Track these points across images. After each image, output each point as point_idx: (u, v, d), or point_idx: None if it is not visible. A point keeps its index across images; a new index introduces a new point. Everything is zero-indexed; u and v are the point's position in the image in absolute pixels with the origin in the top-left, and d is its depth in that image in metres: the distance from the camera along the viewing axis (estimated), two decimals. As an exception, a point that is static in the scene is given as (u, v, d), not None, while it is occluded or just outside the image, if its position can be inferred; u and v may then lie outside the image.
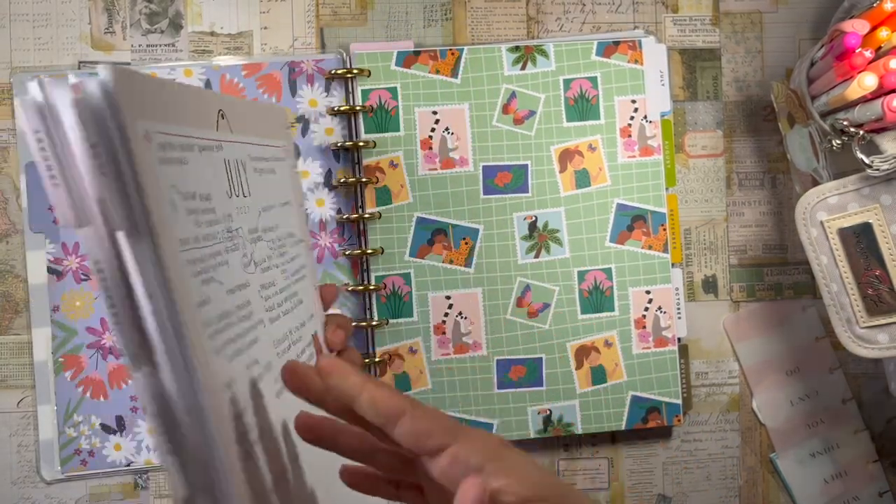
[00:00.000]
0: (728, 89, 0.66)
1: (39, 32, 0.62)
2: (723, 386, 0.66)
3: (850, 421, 0.65)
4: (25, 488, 0.62)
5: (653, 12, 0.65)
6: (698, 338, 0.65)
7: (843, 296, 0.54)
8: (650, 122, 0.63)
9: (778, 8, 0.66)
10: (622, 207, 0.63)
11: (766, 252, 0.66)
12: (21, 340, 0.62)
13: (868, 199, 0.53)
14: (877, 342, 0.54)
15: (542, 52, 0.63)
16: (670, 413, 0.63)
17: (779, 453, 0.65)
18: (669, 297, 0.63)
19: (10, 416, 0.62)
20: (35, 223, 0.61)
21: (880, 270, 0.53)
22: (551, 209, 0.63)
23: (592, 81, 0.63)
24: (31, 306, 0.61)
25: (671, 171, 0.64)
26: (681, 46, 0.65)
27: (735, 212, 0.66)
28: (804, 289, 0.66)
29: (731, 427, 0.66)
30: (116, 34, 0.63)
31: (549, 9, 0.65)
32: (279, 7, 0.64)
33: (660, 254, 0.63)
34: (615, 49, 0.63)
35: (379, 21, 0.64)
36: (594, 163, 0.63)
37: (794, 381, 0.65)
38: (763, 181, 0.66)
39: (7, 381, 0.62)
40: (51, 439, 0.61)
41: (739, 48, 0.66)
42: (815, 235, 0.54)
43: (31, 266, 0.61)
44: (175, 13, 0.63)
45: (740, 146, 0.66)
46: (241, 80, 0.62)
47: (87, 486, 0.62)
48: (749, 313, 0.66)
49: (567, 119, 0.63)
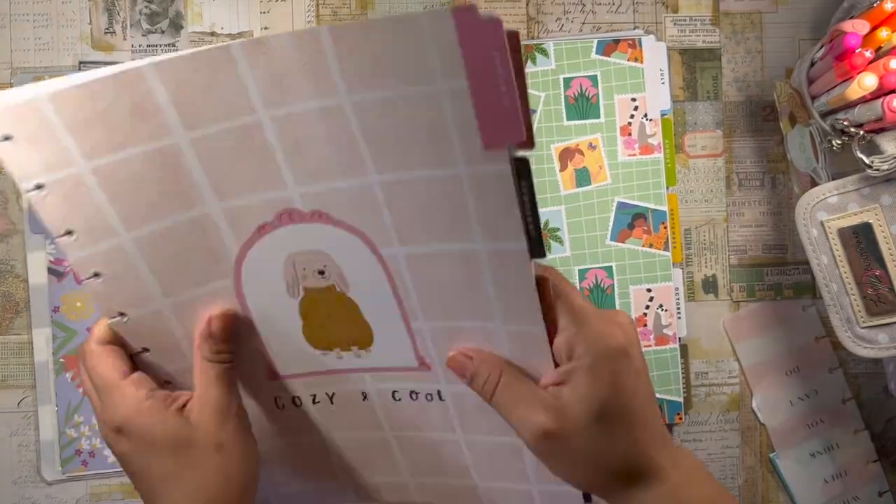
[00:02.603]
0: (728, 89, 0.66)
1: (40, 33, 0.62)
2: (723, 386, 0.66)
3: (850, 421, 0.65)
4: (26, 488, 0.62)
5: (653, 12, 0.65)
6: (698, 338, 0.65)
7: (843, 296, 0.54)
8: (650, 121, 0.63)
9: (778, 8, 0.66)
10: (623, 205, 0.63)
11: (766, 252, 0.66)
12: (21, 340, 0.62)
13: (868, 199, 0.54)
14: (877, 342, 0.54)
15: (542, 50, 0.63)
16: (671, 411, 0.63)
17: (778, 453, 0.65)
18: (670, 295, 0.63)
19: (11, 416, 0.62)
20: (35, 224, 0.61)
21: (880, 270, 0.53)
22: (552, 207, 0.63)
23: (592, 80, 0.63)
24: (32, 307, 0.61)
25: (671, 171, 0.64)
26: (681, 46, 0.65)
27: (735, 212, 0.66)
28: (804, 289, 0.66)
29: (731, 427, 0.66)
30: (117, 34, 0.63)
31: (549, 9, 0.65)
32: (279, 7, 0.64)
33: (661, 252, 0.63)
34: (615, 47, 0.63)
35: (379, 21, 0.64)
36: (594, 161, 0.63)
37: (794, 381, 0.65)
38: (763, 181, 0.66)
39: (7, 381, 0.62)
40: (51, 440, 0.61)
41: (739, 48, 0.66)
42: (816, 235, 0.54)
43: (31, 266, 0.61)
44: (175, 13, 0.63)
45: (740, 146, 0.66)
46: (241, 80, 0.62)
47: (88, 486, 0.62)
48: (749, 313, 0.66)
49: (567, 117, 0.63)
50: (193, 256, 0.41)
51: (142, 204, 0.39)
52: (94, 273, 0.40)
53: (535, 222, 0.36)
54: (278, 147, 0.37)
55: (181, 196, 0.39)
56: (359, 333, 0.42)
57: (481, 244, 0.37)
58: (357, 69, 0.34)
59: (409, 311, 0.41)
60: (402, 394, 0.43)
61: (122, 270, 0.40)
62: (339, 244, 0.40)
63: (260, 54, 0.35)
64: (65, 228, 0.39)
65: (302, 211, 0.39)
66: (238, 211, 0.40)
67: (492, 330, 0.40)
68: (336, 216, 0.39)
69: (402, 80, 0.34)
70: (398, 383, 0.43)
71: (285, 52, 0.35)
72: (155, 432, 0.38)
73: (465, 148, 0.35)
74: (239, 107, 0.36)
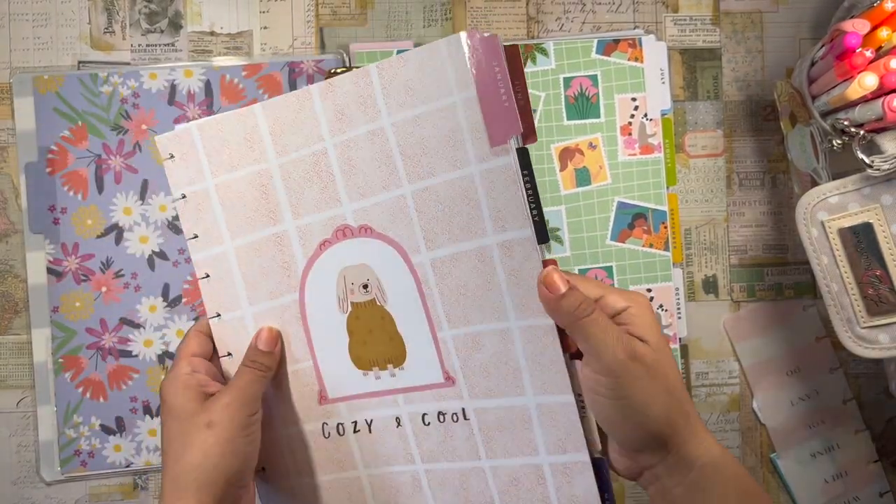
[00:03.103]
0: (728, 89, 0.66)
1: (39, 32, 0.62)
2: (723, 386, 0.65)
3: (851, 421, 0.65)
4: (25, 489, 0.61)
5: (653, 12, 0.65)
6: (698, 338, 0.65)
7: (843, 296, 0.54)
8: (650, 120, 0.63)
9: (778, 8, 0.66)
10: (623, 205, 0.63)
11: (766, 252, 0.66)
12: (21, 340, 0.62)
13: (868, 199, 0.53)
14: (877, 342, 0.54)
15: (542, 50, 0.62)
16: (671, 413, 0.63)
17: (779, 453, 0.65)
18: (670, 295, 0.63)
19: (10, 417, 0.62)
20: (35, 223, 0.61)
21: (881, 270, 0.53)
22: (552, 207, 0.62)
23: (592, 79, 0.63)
24: (31, 307, 0.61)
25: (671, 170, 0.64)
26: (681, 46, 0.65)
27: (735, 212, 0.66)
28: (804, 289, 0.66)
29: (732, 427, 0.66)
30: (116, 34, 0.63)
31: (549, 8, 0.65)
32: (279, 7, 0.63)
33: (661, 252, 0.63)
34: (615, 47, 0.63)
35: (379, 21, 0.64)
36: (594, 161, 0.63)
37: (795, 382, 0.65)
38: (763, 181, 0.66)
39: (7, 381, 0.62)
40: (50, 440, 0.61)
41: (740, 48, 0.66)
42: (816, 235, 0.54)
43: (30, 266, 0.61)
44: (175, 13, 0.63)
45: (740, 146, 0.66)
46: (241, 81, 0.62)
47: (87, 486, 0.62)
48: (749, 313, 0.66)
49: (567, 117, 0.63)
50: (272, 269, 0.47)
51: (241, 217, 0.47)
52: (206, 274, 0.48)
53: (538, 209, 0.42)
54: (337, 169, 0.44)
55: (269, 213, 0.46)
56: (394, 350, 0.46)
57: (492, 237, 0.42)
58: (395, 94, 0.42)
59: (435, 321, 0.44)
60: (431, 417, 0.46)
61: (223, 274, 0.48)
62: (380, 256, 0.45)
63: (329, 92, 0.44)
64: (193, 233, 0.48)
65: (353, 227, 0.45)
66: (306, 228, 0.46)
67: (506, 329, 0.43)
68: (378, 229, 0.44)
69: (429, 97, 0.42)
70: (427, 405, 0.46)
71: (345, 87, 0.43)
72: (172, 401, 0.45)
73: (476, 148, 0.41)
74: (313, 136, 0.45)
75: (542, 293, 0.41)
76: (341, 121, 0.44)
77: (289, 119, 0.45)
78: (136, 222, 0.62)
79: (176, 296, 0.62)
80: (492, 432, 0.45)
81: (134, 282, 0.62)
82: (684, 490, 0.40)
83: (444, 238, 0.43)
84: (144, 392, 0.62)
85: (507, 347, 0.43)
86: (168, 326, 0.62)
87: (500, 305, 0.43)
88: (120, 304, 0.61)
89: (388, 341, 0.46)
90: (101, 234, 0.61)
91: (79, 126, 0.61)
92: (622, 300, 0.42)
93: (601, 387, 0.40)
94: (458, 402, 0.45)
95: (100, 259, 0.61)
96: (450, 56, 0.41)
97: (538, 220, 0.42)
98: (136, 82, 0.61)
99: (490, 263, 0.42)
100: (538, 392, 0.43)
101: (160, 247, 0.62)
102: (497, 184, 0.41)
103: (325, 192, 0.45)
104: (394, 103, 0.42)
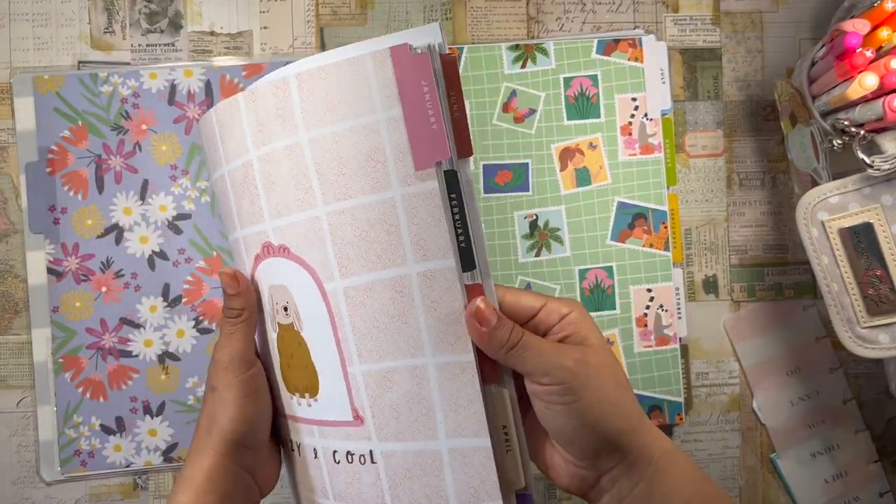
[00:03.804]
0: (728, 89, 0.66)
1: (39, 32, 0.62)
2: (723, 386, 0.65)
3: (851, 421, 0.65)
4: (25, 489, 0.61)
5: (653, 12, 0.65)
6: (699, 338, 0.65)
7: (843, 296, 0.54)
8: (651, 120, 0.63)
9: (778, 8, 0.66)
10: (623, 205, 0.63)
11: (766, 252, 0.66)
12: (21, 340, 0.62)
13: (869, 199, 0.53)
14: (878, 342, 0.54)
15: (542, 50, 0.62)
16: (672, 411, 0.63)
17: (779, 453, 0.65)
18: (671, 295, 0.63)
19: (10, 416, 0.62)
20: (35, 223, 0.61)
21: (881, 270, 0.53)
22: (552, 207, 0.62)
23: (593, 79, 0.63)
24: (31, 307, 0.61)
25: (672, 170, 0.64)
26: (681, 46, 0.65)
27: (735, 212, 0.66)
28: (805, 289, 0.66)
29: (732, 427, 0.66)
30: (116, 34, 0.63)
31: (549, 8, 0.65)
32: (279, 7, 0.63)
33: (661, 252, 0.63)
34: (615, 47, 0.63)
35: (379, 21, 0.64)
36: (595, 161, 0.63)
37: (795, 382, 0.65)
38: (763, 181, 0.66)
39: (7, 381, 0.62)
40: (50, 440, 0.61)
41: (740, 48, 0.66)
42: (816, 235, 0.54)
43: (30, 266, 0.61)
44: (175, 13, 0.63)
45: (741, 146, 0.66)
46: (241, 81, 0.62)
47: (87, 486, 0.62)
48: (749, 313, 0.66)
49: (567, 117, 0.63)
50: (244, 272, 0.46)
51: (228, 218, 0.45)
52: None
53: (465, 234, 0.39)
54: (259, 184, 0.41)
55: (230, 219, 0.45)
56: (308, 380, 0.43)
57: (413, 266, 0.39)
58: (313, 108, 0.39)
59: (346, 354, 0.41)
60: (341, 455, 0.43)
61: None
62: (297, 279, 0.42)
63: (251, 101, 0.41)
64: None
65: (274, 245, 0.42)
66: (246, 240, 0.44)
67: (420, 366, 0.40)
68: (294, 250, 0.41)
69: (350, 113, 0.39)
70: (337, 442, 0.43)
71: (265, 96, 0.40)
72: None
73: (399, 171, 0.38)
74: (241, 147, 0.42)
75: (472, 328, 0.39)
76: (262, 132, 0.41)
77: (227, 125, 0.42)
78: (137, 222, 0.62)
79: (176, 296, 0.62)
80: (399, 478, 0.41)
81: (134, 282, 0.62)
82: (645, 485, 0.39)
83: (359, 265, 0.39)
84: (144, 392, 0.62)
85: (421, 386, 0.40)
86: (168, 326, 0.62)
87: (417, 340, 0.39)
88: (120, 304, 0.61)
89: (303, 369, 0.43)
90: (102, 234, 0.61)
91: (79, 126, 0.61)
92: (563, 305, 0.41)
93: (553, 396, 0.39)
94: (367, 444, 0.41)
95: (100, 259, 0.61)
96: (375, 72, 0.38)
97: (465, 247, 0.39)
98: (136, 82, 0.61)
99: (408, 294, 0.39)
100: (451, 435, 0.40)
101: (160, 247, 0.62)
102: (420, 209, 0.38)
103: (253, 206, 0.42)
104: (312, 118, 0.39)
